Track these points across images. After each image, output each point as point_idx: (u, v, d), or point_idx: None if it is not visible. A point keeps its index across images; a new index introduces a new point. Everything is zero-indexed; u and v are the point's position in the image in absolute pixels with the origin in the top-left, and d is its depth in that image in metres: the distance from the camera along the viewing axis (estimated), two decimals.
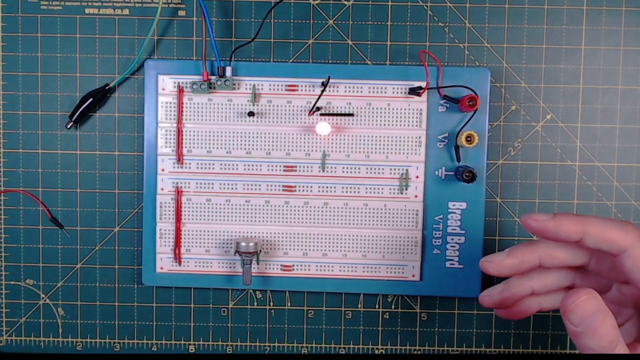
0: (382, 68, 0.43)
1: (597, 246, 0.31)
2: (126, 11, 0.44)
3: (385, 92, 0.43)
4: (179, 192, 0.43)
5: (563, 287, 0.36)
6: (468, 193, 0.43)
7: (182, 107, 0.43)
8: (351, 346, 0.45)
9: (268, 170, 0.43)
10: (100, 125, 0.44)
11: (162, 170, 0.43)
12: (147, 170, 0.43)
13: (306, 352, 0.45)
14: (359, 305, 0.45)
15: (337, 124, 0.43)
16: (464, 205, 0.43)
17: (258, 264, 0.43)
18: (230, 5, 0.44)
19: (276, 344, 0.45)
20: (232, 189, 0.43)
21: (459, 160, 0.42)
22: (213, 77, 0.42)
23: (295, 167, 0.43)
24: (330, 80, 0.42)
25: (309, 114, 0.43)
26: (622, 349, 0.29)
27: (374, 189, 0.43)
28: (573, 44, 0.44)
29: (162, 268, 0.44)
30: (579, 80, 0.44)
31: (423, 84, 0.42)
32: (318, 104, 0.42)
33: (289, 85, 0.43)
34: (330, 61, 0.44)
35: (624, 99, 0.44)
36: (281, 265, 0.43)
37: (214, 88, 0.42)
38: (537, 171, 0.44)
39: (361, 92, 0.43)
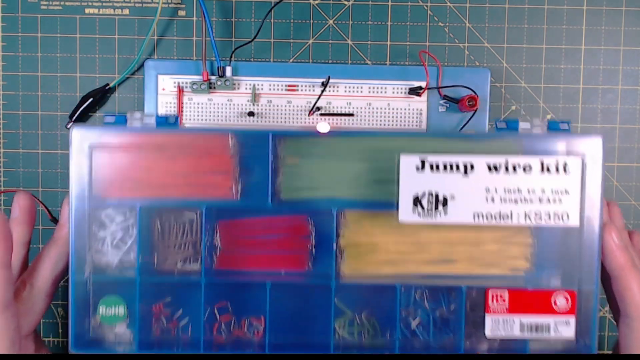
0: (382, 68, 0.43)
1: None
2: (126, 11, 0.44)
3: (385, 92, 0.43)
4: None
5: None
6: None
7: (182, 107, 0.43)
8: None
9: None
10: None
11: None
12: None
13: None
14: None
15: (337, 124, 0.43)
16: None
17: None
18: (230, 5, 0.44)
19: None
20: None
21: None
22: (213, 77, 0.42)
23: None
24: (330, 80, 0.42)
25: (309, 114, 0.43)
26: None
27: None
28: (573, 44, 0.44)
29: None
30: (579, 80, 0.44)
31: (423, 84, 0.42)
32: (318, 104, 0.42)
33: (289, 85, 0.43)
34: (330, 61, 0.44)
35: (624, 99, 0.44)
36: None
37: (214, 88, 0.42)
38: None
39: (361, 92, 0.43)
